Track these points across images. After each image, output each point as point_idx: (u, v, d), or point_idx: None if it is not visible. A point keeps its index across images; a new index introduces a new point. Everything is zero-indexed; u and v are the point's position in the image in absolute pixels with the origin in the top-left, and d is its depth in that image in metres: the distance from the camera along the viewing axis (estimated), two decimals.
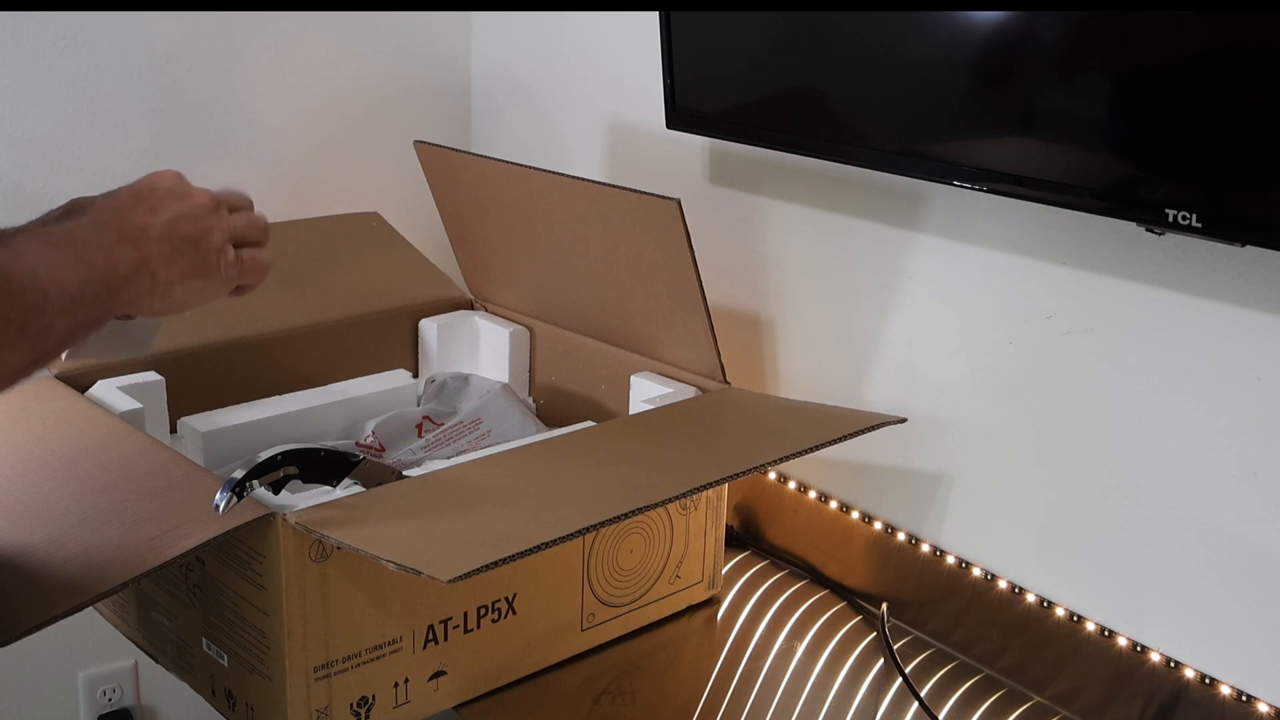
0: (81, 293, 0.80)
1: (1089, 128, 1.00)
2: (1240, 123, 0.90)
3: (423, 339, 1.47)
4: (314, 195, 1.66)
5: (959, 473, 1.24)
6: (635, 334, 1.31)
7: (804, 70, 1.22)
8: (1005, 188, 1.07)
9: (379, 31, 1.68)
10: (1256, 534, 1.03)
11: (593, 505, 0.96)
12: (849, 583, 1.33)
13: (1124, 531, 1.11)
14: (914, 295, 1.25)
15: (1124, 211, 1.00)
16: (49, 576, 0.92)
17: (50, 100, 1.46)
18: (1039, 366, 1.16)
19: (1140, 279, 1.07)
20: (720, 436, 1.15)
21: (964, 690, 1.17)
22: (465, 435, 1.30)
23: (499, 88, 1.75)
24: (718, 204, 1.44)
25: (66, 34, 1.45)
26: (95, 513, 0.96)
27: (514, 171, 1.34)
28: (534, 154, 1.67)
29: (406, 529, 0.93)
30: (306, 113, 1.65)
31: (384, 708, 1.03)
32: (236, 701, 1.03)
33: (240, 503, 0.92)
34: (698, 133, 1.37)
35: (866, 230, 1.28)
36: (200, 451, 1.22)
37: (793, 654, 1.21)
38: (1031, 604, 1.18)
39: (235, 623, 1.00)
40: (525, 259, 1.41)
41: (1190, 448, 1.06)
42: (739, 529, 1.43)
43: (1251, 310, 1.00)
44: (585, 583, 1.14)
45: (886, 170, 1.18)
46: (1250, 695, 1.04)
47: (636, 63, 1.49)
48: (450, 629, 1.06)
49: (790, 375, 1.39)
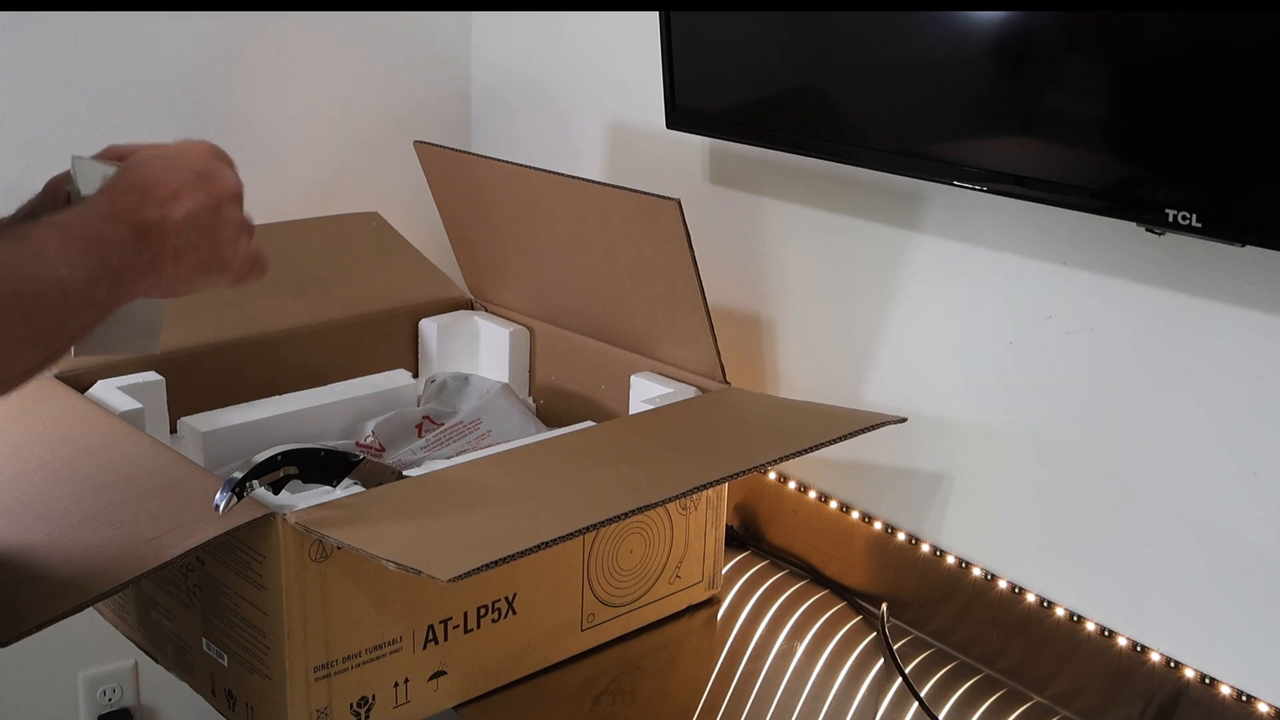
0: (94, 292, 0.79)
1: (1089, 128, 1.00)
2: (1240, 123, 0.90)
3: (423, 339, 1.47)
4: (314, 195, 1.66)
5: (959, 473, 1.24)
6: (635, 334, 1.31)
7: (804, 70, 1.22)
8: (1005, 188, 1.07)
9: (379, 32, 1.68)
10: (1256, 534, 1.03)
11: (593, 505, 0.96)
12: (849, 583, 1.33)
13: (1124, 531, 1.11)
14: (914, 295, 1.25)
15: (1124, 211, 1.00)
16: (49, 577, 0.92)
17: (50, 100, 1.46)
18: (1039, 366, 1.16)
19: (1140, 279, 1.07)
20: (720, 436, 1.15)
21: (964, 690, 1.17)
22: (465, 435, 1.30)
23: (499, 88, 1.75)
24: (718, 204, 1.44)
25: (66, 34, 1.45)
26: (95, 513, 0.96)
27: (514, 171, 1.34)
28: (534, 154, 1.67)
29: (406, 529, 0.93)
30: (306, 113, 1.65)
31: (384, 708, 1.03)
32: (236, 701, 1.03)
33: (240, 503, 0.92)
34: (698, 133, 1.37)
35: (866, 230, 1.28)
36: (200, 451, 1.22)
37: (793, 654, 1.21)
38: (1031, 604, 1.18)
39: (235, 623, 1.00)
40: (525, 259, 1.41)
41: (1190, 448, 1.06)
42: (739, 529, 1.43)
43: (1251, 310, 1.00)
44: (585, 583, 1.14)
45: (886, 170, 1.18)
46: (1250, 695, 1.04)
47: (636, 63, 1.49)
48: (450, 629, 1.06)
49: (790, 375, 1.39)
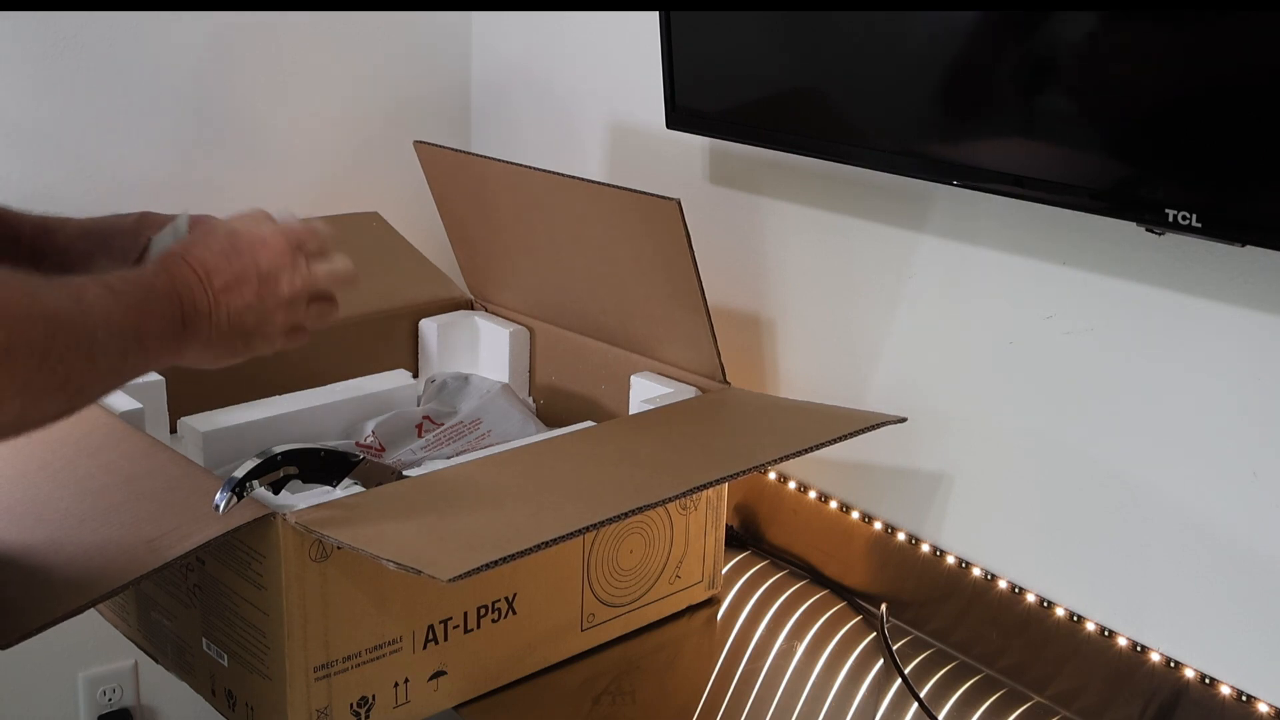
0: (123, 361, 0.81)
1: (1089, 128, 1.00)
2: (1240, 123, 0.90)
3: (423, 339, 1.47)
4: (314, 195, 1.67)
5: (959, 473, 1.24)
6: (635, 334, 1.31)
7: (804, 70, 1.22)
8: (1005, 188, 1.07)
9: (379, 32, 1.68)
10: (1256, 534, 1.03)
11: (593, 505, 0.96)
12: (849, 583, 1.33)
13: (1124, 531, 1.11)
14: (914, 295, 1.25)
15: (1124, 211, 1.00)
16: (50, 578, 0.92)
17: (51, 100, 1.46)
18: (1039, 366, 1.16)
19: (1140, 279, 1.07)
20: (720, 436, 1.15)
21: (964, 690, 1.17)
22: (465, 435, 1.30)
23: (499, 88, 1.75)
24: (718, 204, 1.44)
25: (67, 33, 1.45)
26: (95, 513, 0.96)
27: (514, 171, 1.34)
28: (534, 154, 1.67)
29: (406, 529, 0.93)
30: (307, 113, 1.65)
31: (384, 708, 1.03)
32: (236, 701, 1.03)
33: (240, 503, 0.92)
34: (698, 133, 1.37)
35: (867, 230, 1.28)
36: (200, 451, 1.22)
37: (793, 654, 1.21)
38: (1031, 604, 1.18)
39: (235, 623, 1.00)
40: (525, 259, 1.41)
41: (1190, 448, 1.06)
42: (739, 529, 1.43)
43: (1251, 310, 1.00)
44: (585, 583, 1.14)
45: (887, 170, 1.18)
46: (1250, 695, 1.04)
47: (636, 63, 1.49)
48: (450, 629, 1.06)
49: (790, 375, 1.39)
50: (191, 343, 0.86)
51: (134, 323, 0.81)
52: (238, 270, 0.88)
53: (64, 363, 0.74)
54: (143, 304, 0.82)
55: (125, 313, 0.80)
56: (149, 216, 1.03)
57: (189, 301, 0.85)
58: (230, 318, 0.88)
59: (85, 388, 0.78)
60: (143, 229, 1.02)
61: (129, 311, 0.80)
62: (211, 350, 0.88)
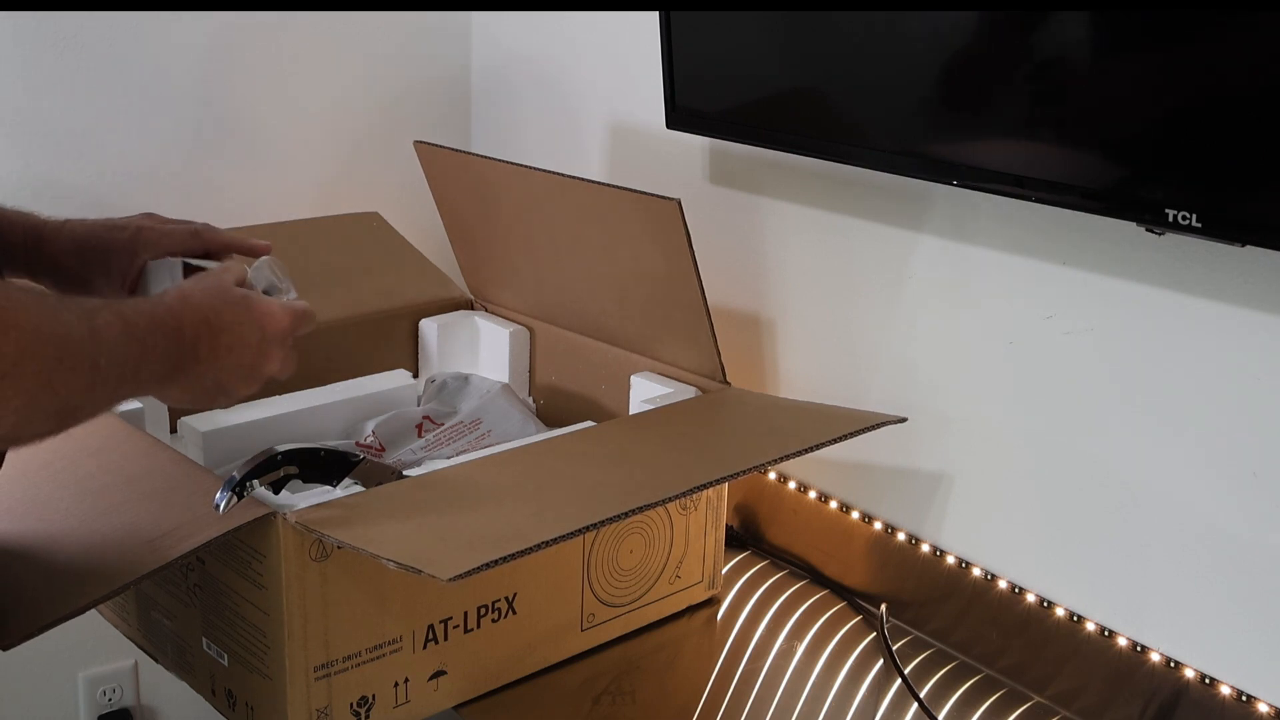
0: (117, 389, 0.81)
1: (1089, 128, 1.00)
2: (1240, 123, 0.90)
3: (423, 339, 1.47)
4: (314, 195, 1.67)
5: (959, 473, 1.24)
6: (635, 334, 1.31)
7: (804, 70, 1.22)
8: (1005, 188, 1.07)
9: (379, 32, 1.68)
10: (1256, 534, 1.03)
11: (593, 505, 0.96)
12: (849, 583, 1.33)
13: (1124, 531, 1.12)
14: (914, 295, 1.25)
15: (1124, 211, 1.00)
16: (50, 578, 0.92)
17: (52, 99, 1.46)
18: (1039, 366, 1.16)
19: (1140, 279, 1.07)
20: (720, 436, 1.15)
21: (964, 690, 1.17)
22: (465, 435, 1.30)
23: (499, 88, 1.75)
24: (718, 204, 1.44)
25: (67, 33, 1.45)
26: (96, 514, 0.96)
27: (514, 171, 1.34)
28: (534, 154, 1.67)
29: (406, 529, 0.93)
30: (307, 113, 1.65)
31: (384, 708, 1.03)
32: (236, 701, 1.03)
33: (240, 502, 0.92)
34: (698, 133, 1.37)
35: (867, 230, 1.29)
36: (200, 451, 1.22)
37: (793, 654, 1.21)
38: (1031, 604, 1.18)
39: (235, 622, 1.00)
40: (525, 259, 1.41)
41: (1190, 448, 1.06)
42: (739, 529, 1.43)
43: (1251, 310, 1.00)
44: (585, 583, 1.14)
45: (887, 170, 1.18)
46: (1250, 695, 1.04)
47: (636, 63, 1.49)
48: (450, 629, 1.06)
49: (790, 375, 1.39)
50: (177, 383, 0.87)
51: (136, 355, 0.82)
52: (243, 335, 0.91)
53: (66, 385, 0.75)
54: (148, 338, 0.83)
55: (129, 344, 0.81)
56: (145, 231, 1.04)
57: (190, 348, 0.87)
58: (219, 373, 0.90)
59: (78, 411, 0.78)
60: (139, 247, 1.03)
61: (133, 344, 0.81)
62: (189, 394, 0.90)
